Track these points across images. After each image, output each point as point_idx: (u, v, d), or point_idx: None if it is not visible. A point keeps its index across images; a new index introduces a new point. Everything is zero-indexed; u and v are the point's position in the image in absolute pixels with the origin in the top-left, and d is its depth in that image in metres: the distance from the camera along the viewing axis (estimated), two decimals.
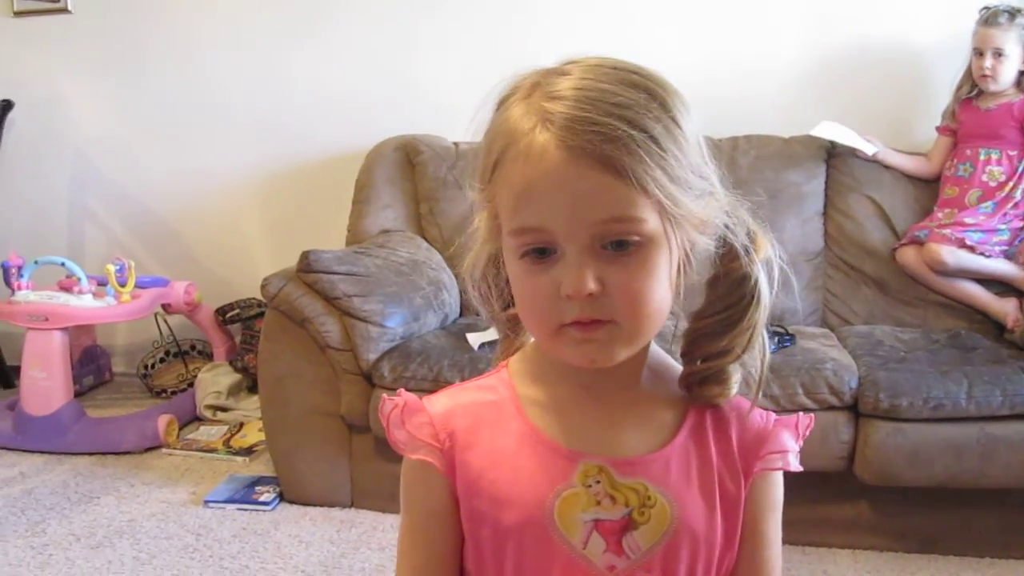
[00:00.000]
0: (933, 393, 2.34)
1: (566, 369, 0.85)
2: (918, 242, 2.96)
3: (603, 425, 0.87)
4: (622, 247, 0.77)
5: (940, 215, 2.96)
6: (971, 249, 2.84)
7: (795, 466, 0.91)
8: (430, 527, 0.90)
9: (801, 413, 0.94)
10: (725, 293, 0.87)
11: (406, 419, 0.89)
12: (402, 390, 0.93)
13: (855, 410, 2.41)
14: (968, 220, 2.87)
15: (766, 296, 0.87)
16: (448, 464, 0.87)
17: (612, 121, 0.74)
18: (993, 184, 2.89)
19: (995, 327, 2.88)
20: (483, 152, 0.83)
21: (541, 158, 0.76)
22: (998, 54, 2.86)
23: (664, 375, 0.91)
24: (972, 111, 2.98)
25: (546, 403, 0.89)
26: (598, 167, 0.75)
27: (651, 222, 0.77)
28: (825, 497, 2.46)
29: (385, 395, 0.92)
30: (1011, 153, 2.89)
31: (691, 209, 0.79)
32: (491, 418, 0.89)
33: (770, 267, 0.87)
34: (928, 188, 3.09)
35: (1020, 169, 2.88)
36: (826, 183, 3.16)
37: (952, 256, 2.85)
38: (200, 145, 3.85)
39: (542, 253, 0.79)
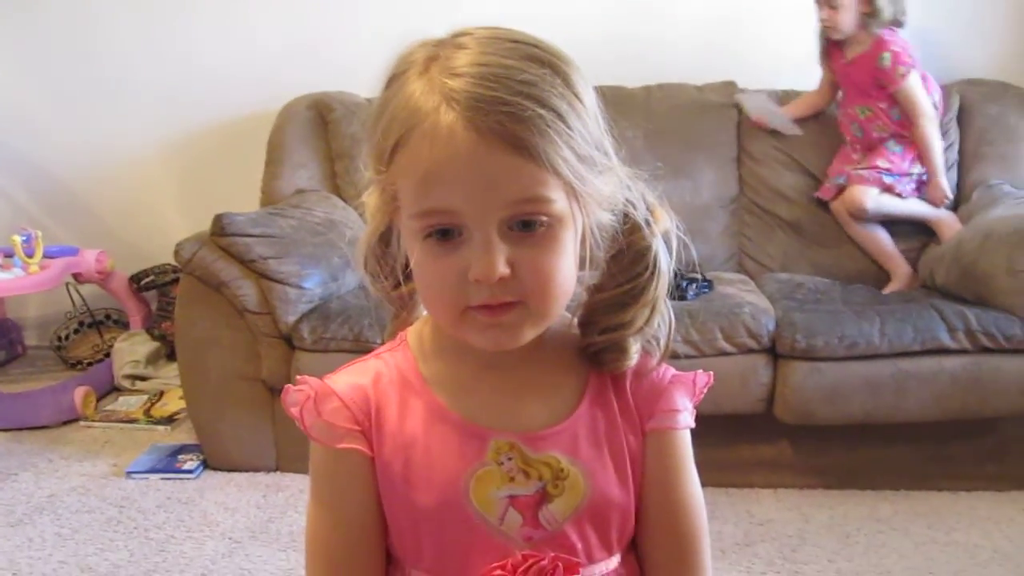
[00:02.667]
0: (847, 332, 2.40)
1: (467, 345, 0.83)
2: (841, 189, 3.00)
3: (509, 400, 0.87)
4: (529, 228, 0.76)
5: (855, 156, 3.01)
6: (889, 188, 2.89)
7: (685, 424, 0.91)
8: (359, 515, 0.87)
9: (700, 371, 0.93)
10: (626, 267, 0.86)
11: (320, 407, 0.86)
12: (305, 376, 0.88)
13: (773, 352, 2.46)
14: (881, 164, 2.92)
15: (665, 268, 0.86)
16: (370, 445, 0.86)
17: (520, 100, 0.73)
18: (887, 134, 2.94)
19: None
20: (379, 133, 0.79)
21: (448, 140, 0.73)
22: (831, 4, 2.90)
23: (563, 341, 0.90)
24: (839, 60, 3.01)
25: (450, 380, 0.88)
26: (508, 148, 0.73)
27: (559, 202, 0.76)
28: (746, 439, 2.51)
29: (288, 386, 0.88)
30: (881, 106, 2.93)
31: (596, 186, 0.79)
32: (396, 396, 0.87)
33: (668, 239, 0.87)
34: (831, 125, 3.13)
35: (896, 117, 2.91)
36: (738, 129, 3.20)
37: (873, 202, 2.89)
38: (104, 110, 3.73)
39: (446, 235, 0.77)
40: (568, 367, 0.90)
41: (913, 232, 2.99)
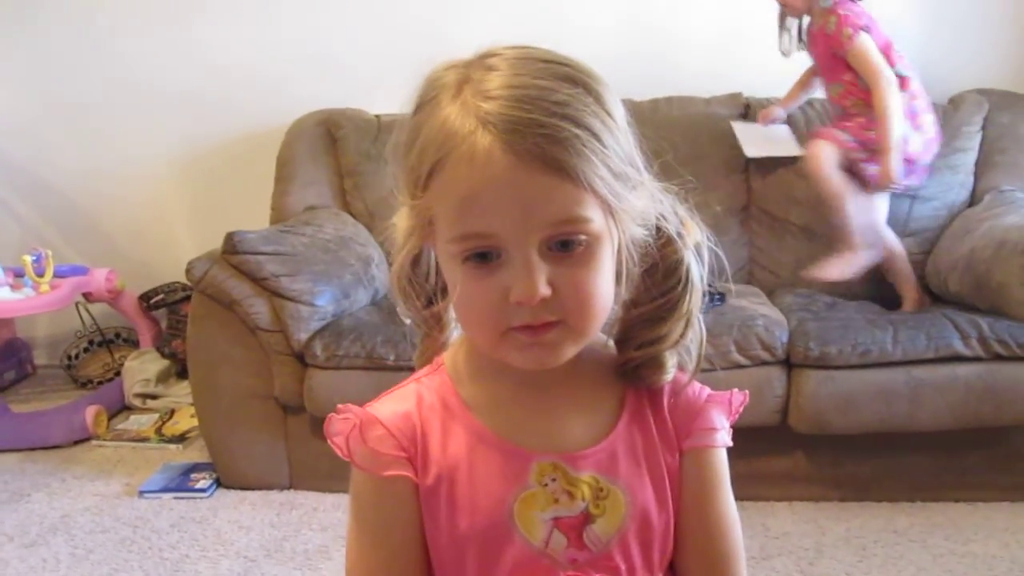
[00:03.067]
0: (860, 339, 2.40)
1: (505, 366, 0.83)
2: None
3: (549, 420, 0.87)
4: (568, 248, 0.76)
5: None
6: (845, 148, 2.84)
7: (722, 443, 0.91)
8: (405, 544, 0.87)
9: (735, 390, 0.93)
10: (660, 280, 0.86)
11: (365, 435, 0.85)
12: (348, 405, 0.88)
13: (787, 363, 2.45)
14: (843, 127, 2.89)
15: (698, 280, 0.87)
16: (414, 472, 0.85)
17: (556, 122, 0.73)
18: (863, 107, 2.87)
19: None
20: (413, 158, 0.79)
21: (487, 163, 0.73)
22: None
23: (599, 359, 0.90)
24: (809, 36, 2.99)
25: (489, 402, 0.87)
26: (547, 170, 0.73)
27: (597, 220, 0.76)
28: (761, 451, 2.50)
29: (331, 415, 0.87)
30: (847, 79, 2.87)
31: (631, 202, 0.79)
32: (438, 421, 0.87)
33: (699, 251, 0.87)
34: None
35: (863, 86, 2.84)
36: None
37: (828, 160, 2.83)
38: (113, 128, 3.73)
39: (485, 257, 0.77)
40: (605, 385, 0.90)
41: (923, 236, 3.00)
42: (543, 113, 0.73)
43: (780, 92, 3.22)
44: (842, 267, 2.82)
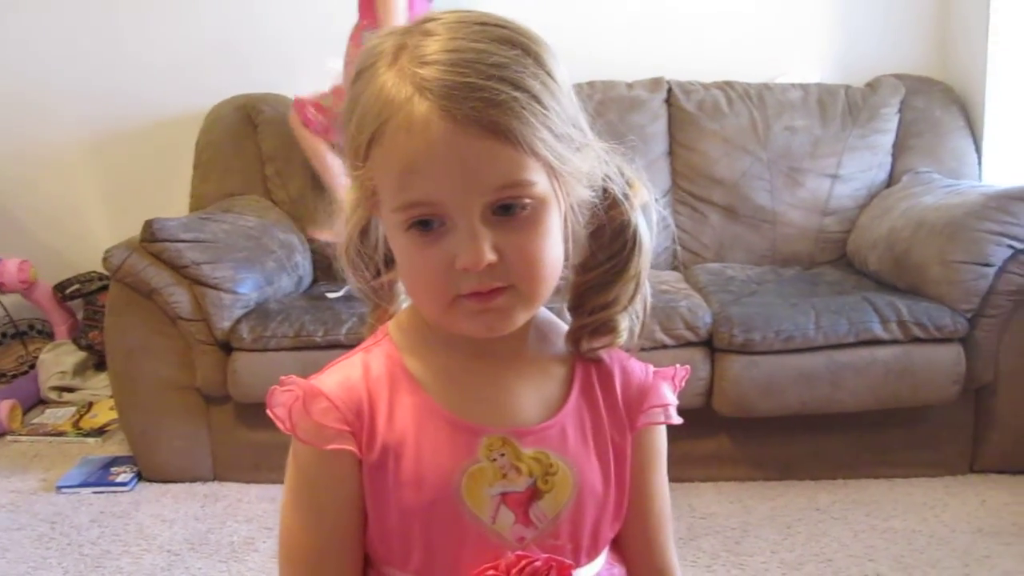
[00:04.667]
0: (784, 326, 2.43)
1: (453, 338, 0.82)
2: None
3: (499, 394, 0.86)
4: (512, 211, 0.75)
5: None
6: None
7: (676, 419, 0.91)
8: (342, 519, 0.85)
9: (678, 365, 0.94)
10: (608, 242, 0.85)
11: (309, 408, 0.83)
12: (292, 376, 0.85)
13: (710, 346, 2.48)
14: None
15: (647, 241, 0.86)
16: (359, 446, 0.83)
17: (494, 84, 0.72)
18: None
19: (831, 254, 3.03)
20: (353, 129, 0.78)
21: (424, 130, 0.72)
22: None
23: (548, 332, 0.90)
24: None
25: (437, 374, 0.86)
26: (486, 134, 0.72)
27: (541, 184, 0.76)
28: (686, 433, 2.46)
29: (273, 387, 0.85)
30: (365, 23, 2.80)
31: (576, 164, 0.78)
32: (385, 393, 0.85)
33: (648, 212, 0.87)
34: (775, 107, 3.17)
35: None
36: (669, 122, 3.22)
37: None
38: (23, 114, 3.61)
39: (428, 225, 0.76)
40: (555, 357, 0.89)
41: (844, 215, 3.07)
42: (480, 76, 0.72)
43: (703, 76, 3.25)
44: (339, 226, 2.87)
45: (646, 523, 0.92)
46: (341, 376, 0.86)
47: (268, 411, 0.84)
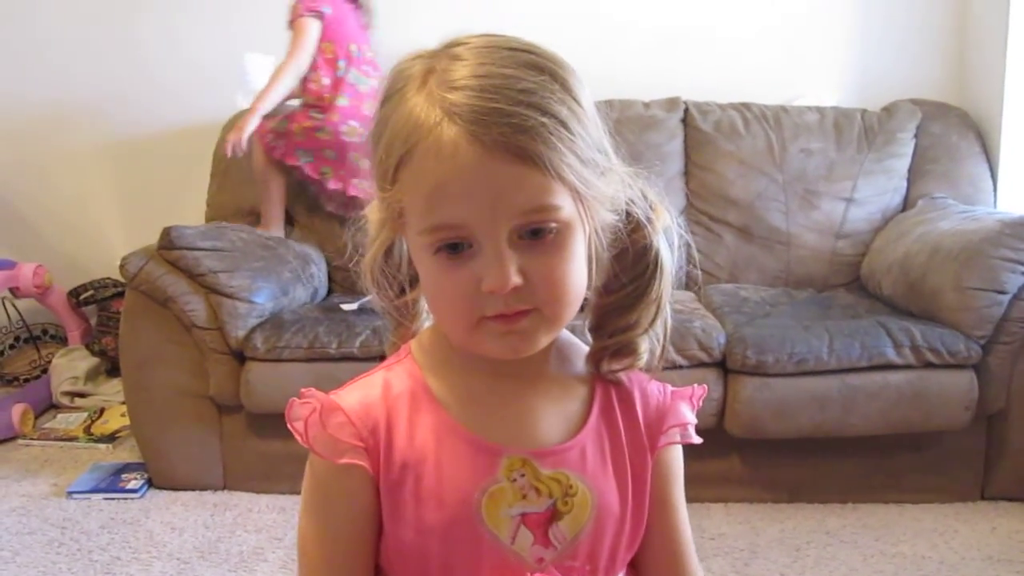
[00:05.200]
0: (797, 348, 2.43)
1: (474, 358, 0.83)
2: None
3: (520, 415, 0.86)
4: (539, 236, 0.76)
5: None
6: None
7: (695, 438, 0.92)
8: (352, 533, 0.86)
9: (695, 384, 0.95)
10: (630, 265, 0.86)
11: (325, 421, 0.84)
12: (312, 389, 0.87)
13: (723, 367, 2.48)
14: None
15: (668, 265, 0.87)
16: (374, 463, 0.84)
17: (522, 110, 0.73)
18: None
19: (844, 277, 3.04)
20: (381, 153, 0.79)
21: (453, 155, 0.73)
22: None
23: (569, 353, 0.91)
24: None
25: (458, 394, 0.87)
26: (514, 159, 0.73)
27: (566, 208, 0.77)
28: (696, 454, 2.48)
29: (293, 399, 0.86)
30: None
31: (601, 189, 0.79)
32: (406, 411, 0.85)
33: (669, 236, 0.88)
34: (791, 129, 3.18)
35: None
36: (685, 142, 3.23)
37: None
38: (43, 120, 3.64)
39: (456, 248, 0.77)
40: (575, 379, 0.90)
41: (858, 239, 3.08)
42: (508, 102, 0.73)
43: (719, 97, 3.27)
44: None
45: (671, 540, 0.93)
46: (360, 394, 0.87)
47: (288, 424, 0.86)
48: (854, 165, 3.10)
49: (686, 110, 3.26)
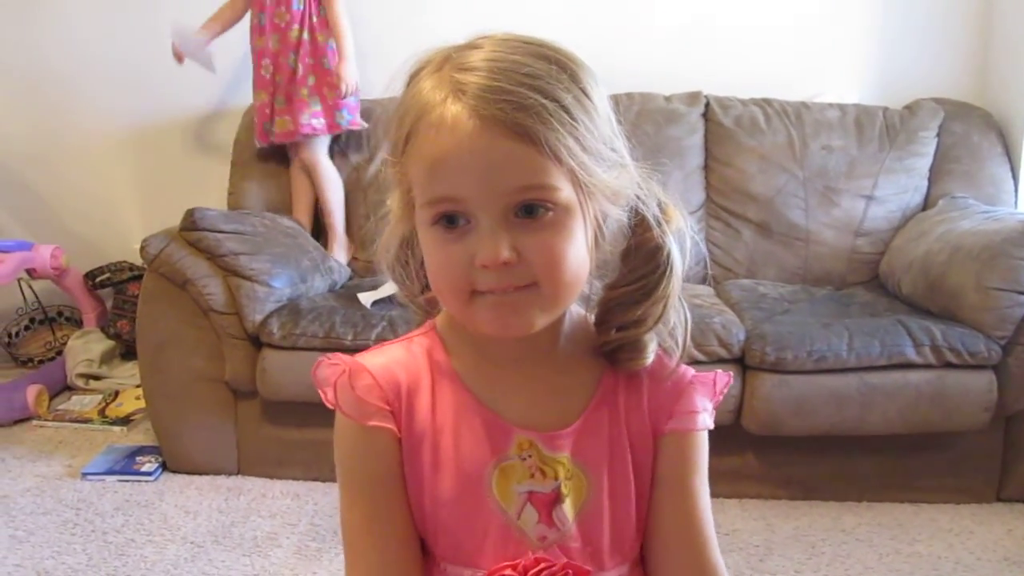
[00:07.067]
0: (816, 346, 2.41)
1: (489, 340, 0.85)
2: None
3: (530, 397, 0.88)
4: (534, 214, 0.78)
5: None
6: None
7: (704, 425, 0.91)
8: (387, 493, 0.87)
9: (719, 372, 0.95)
10: (638, 264, 0.87)
11: (354, 383, 0.86)
12: (338, 353, 0.89)
13: (742, 363, 2.47)
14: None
15: (679, 266, 0.88)
16: (398, 426, 0.86)
17: (523, 90, 0.75)
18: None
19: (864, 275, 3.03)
20: (394, 126, 0.82)
21: (454, 128, 0.76)
22: None
23: (580, 337, 0.91)
24: None
25: (477, 371, 0.89)
26: (511, 135, 0.75)
27: (565, 191, 0.78)
28: (713, 449, 2.48)
29: (321, 359, 0.89)
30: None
31: (603, 179, 0.80)
32: (428, 381, 0.88)
33: (681, 238, 0.88)
34: (812, 126, 3.17)
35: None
36: (705, 136, 3.22)
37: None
38: (63, 103, 3.64)
39: (452, 221, 0.79)
40: (584, 363, 0.91)
41: (877, 236, 3.07)
42: (511, 83, 0.76)
43: (741, 92, 3.25)
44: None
45: (688, 528, 0.91)
46: (385, 357, 0.89)
47: (316, 386, 0.88)
48: (875, 163, 3.09)
49: (707, 104, 3.25)
